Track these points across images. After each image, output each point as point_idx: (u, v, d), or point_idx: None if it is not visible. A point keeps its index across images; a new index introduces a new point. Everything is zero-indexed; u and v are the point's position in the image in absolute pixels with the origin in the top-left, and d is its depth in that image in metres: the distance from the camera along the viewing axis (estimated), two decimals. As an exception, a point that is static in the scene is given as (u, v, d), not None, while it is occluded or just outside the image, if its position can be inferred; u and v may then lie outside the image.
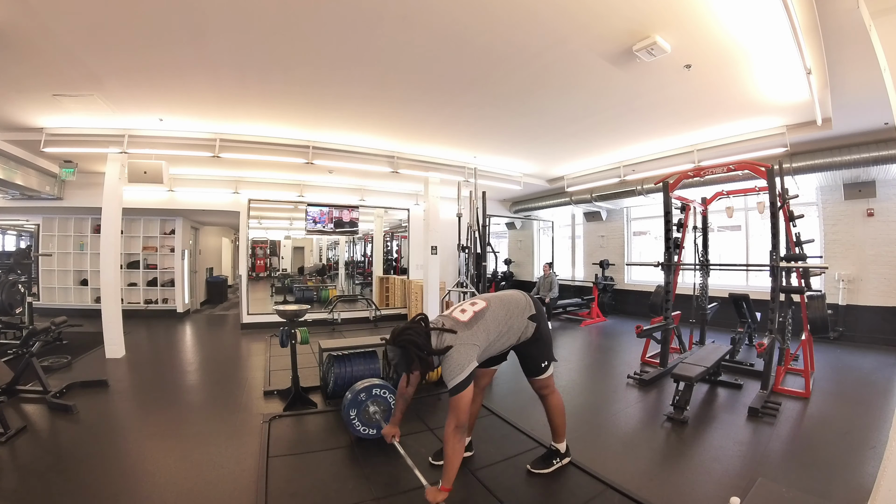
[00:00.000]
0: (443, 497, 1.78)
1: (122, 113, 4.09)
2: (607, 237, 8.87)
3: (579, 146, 5.55)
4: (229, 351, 5.40)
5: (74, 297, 7.38)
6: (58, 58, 2.97)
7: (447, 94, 3.83)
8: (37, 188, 5.46)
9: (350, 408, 2.64)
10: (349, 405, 2.64)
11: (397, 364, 1.95)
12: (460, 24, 2.64)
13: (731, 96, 3.72)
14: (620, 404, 3.43)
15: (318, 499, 2.06)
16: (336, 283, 9.35)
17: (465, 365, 1.84)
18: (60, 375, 3.90)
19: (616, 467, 2.35)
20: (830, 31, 2.60)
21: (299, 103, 4.00)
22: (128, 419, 3.10)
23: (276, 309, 3.37)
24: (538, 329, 2.17)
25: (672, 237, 4.35)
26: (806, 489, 2.11)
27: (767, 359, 3.35)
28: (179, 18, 2.55)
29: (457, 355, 1.86)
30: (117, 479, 2.21)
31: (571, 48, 2.93)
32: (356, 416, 2.64)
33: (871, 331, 5.25)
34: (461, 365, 1.84)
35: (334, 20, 2.61)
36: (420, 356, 1.87)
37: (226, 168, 6.16)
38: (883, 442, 2.38)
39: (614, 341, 5.97)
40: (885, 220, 5.20)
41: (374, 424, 2.66)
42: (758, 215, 6.18)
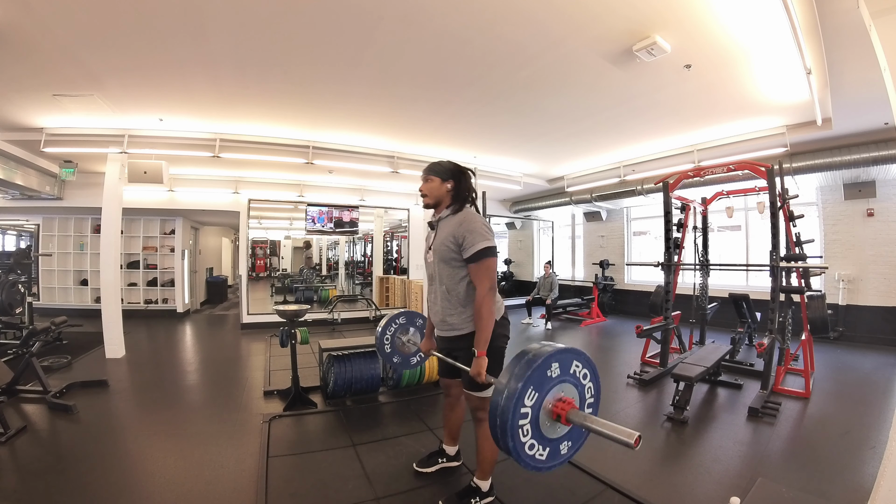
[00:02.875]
0: (485, 361, 1.73)
1: (122, 113, 4.09)
2: (607, 237, 8.88)
3: (579, 146, 5.55)
4: (229, 351, 5.40)
5: (74, 297, 7.38)
6: (58, 58, 2.97)
7: (447, 94, 3.83)
8: (37, 188, 5.45)
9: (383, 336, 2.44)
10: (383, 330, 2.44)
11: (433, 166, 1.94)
12: (460, 23, 2.64)
13: (731, 96, 3.72)
14: (620, 404, 3.43)
15: (318, 499, 2.06)
16: (336, 283, 9.35)
17: (489, 233, 1.80)
18: (60, 375, 3.90)
19: (616, 467, 2.35)
20: (830, 31, 2.60)
21: (299, 103, 4.00)
22: (128, 419, 3.09)
23: (276, 309, 3.37)
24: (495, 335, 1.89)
25: (672, 237, 4.35)
26: (806, 489, 2.11)
27: (767, 359, 3.36)
28: (179, 18, 2.55)
29: (485, 222, 1.84)
30: (117, 479, 2.21)
31: (571, 48, 2.93)
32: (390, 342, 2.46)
33: (871, 331, 5.25)
34: (489, 231, 1.81)
35: (334, 20, 2.61)
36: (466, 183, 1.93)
37: (226, 168, 6.16)
38: (883, 442, 2.38)
39: (614, 341, 5.97)
40: (885, 220, 5.21)
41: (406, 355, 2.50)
42: (758, 215, 6.17)
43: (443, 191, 1.93)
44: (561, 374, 1.23)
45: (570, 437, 1.28)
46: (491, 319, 1.77)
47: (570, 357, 1.25)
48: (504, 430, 1.13)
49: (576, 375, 1.26)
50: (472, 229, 1.78)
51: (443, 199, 1.95)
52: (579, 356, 1.27)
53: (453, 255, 1.84)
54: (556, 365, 1.21)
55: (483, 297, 1.75)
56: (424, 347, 2.27)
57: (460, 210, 1.91)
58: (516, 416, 1.14)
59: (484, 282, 1.76)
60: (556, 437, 1.25)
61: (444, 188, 1.93)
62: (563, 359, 1.23)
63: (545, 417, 1.21)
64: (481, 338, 1.75)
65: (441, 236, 1.91)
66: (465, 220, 1.83)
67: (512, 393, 1.13)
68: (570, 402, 1.24)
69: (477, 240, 1.76)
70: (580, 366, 1.27)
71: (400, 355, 2.50)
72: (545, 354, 1.19)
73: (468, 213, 1.89)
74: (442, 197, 1.94)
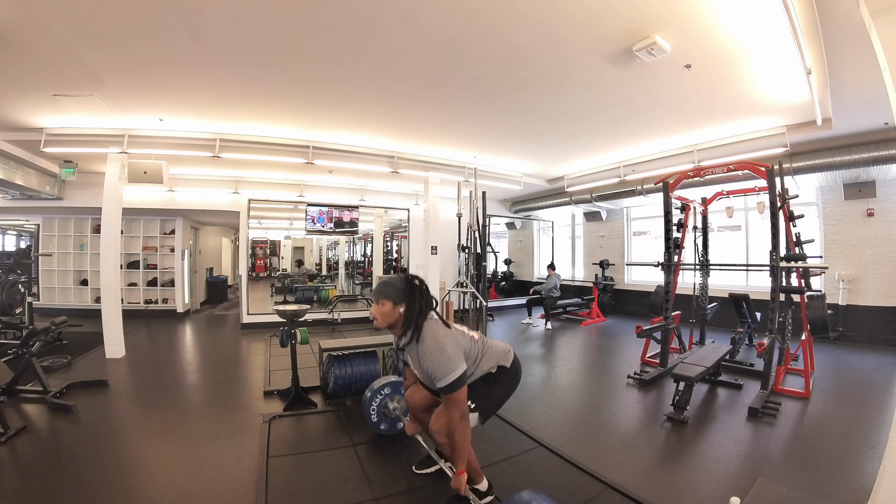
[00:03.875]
0: (465, 478, 1.82)
1: (122, 113, 4.09)
2: (607, 237, 8.88)
3: (579, 146, 5.54)
4: (229, 351, 5.40)
5: (74, 297, 7.38)
6: (58, 57, 2.97)
7: (447, 94, 3.83)
8: (37, 188, 5.46)
9: (370, 404, 2.63)
10: (369, 401, 2.63)
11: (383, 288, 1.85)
12: (460, 23, 2.64)
13: (731, 96, 3.72)
14: (620, 404, 3.43)
15: (318, 499, 2.06)
16: (336, 283, 9.35)
17: (457, 360, 1.76)
18: (60, 375, 3.90)
19: (616, 467, 2.35)
20: (830, 31, 2.60)
21: (299, 103, 4.00)
22: (128, 419, 3.09)
23: (276, 309, 3.37)
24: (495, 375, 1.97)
25: (672, 237, 4.35)
26: (806, 489, 2.11)
27: (767, 359, 3.36)
28: (179, 17, 2.55)
29: (447, 345, 1.78)
30: (117, 479, 2.21)
31: (572, 48, 2.93)
32: (376, 412, 2.64)
33: (871, 331, 5.25)
34: (453, 358, 1.75)
35: (334, 19, 2.61)
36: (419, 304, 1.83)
37: (226, 168, 6.16)
38: (883, 442, 2.38)
39: (614, 341, 5.97)
40: (885, 220, 5.21)
41: (392, 420, 2.68)
42: (758, 215, 6.17)
43: (395, 315, 1.84)
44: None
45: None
46: (465, 444, 1.81)
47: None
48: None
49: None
50: (433, 368, 1.75)
51: (395, 323, 1.86)
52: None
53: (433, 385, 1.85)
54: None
55: (454, 426, 1.77)
56: (410, 431, 2.27)
57: (417, 336, 1.82)
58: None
59: (454, 412, 1.77)
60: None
61: (395, 312, 1.84)
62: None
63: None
64: (457, 459, 1.80)
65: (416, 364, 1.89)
66: (424, 357, 1.78)
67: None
68: None
69: (439, 377, 1.74)
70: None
71: (387, 422, 2.69)
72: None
73: (425, 344, 1.80)
74: (395, 321, 1.85)
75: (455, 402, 1.77)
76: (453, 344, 1.81)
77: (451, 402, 1.77)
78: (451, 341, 1.82)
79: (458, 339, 1.87)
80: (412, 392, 2.17)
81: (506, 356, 2.01)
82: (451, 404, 1.77)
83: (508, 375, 2.00)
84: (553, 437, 2.74)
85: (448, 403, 1.78)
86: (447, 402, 1.79)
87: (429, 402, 2.10)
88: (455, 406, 1.77)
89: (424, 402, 2.11)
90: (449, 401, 1.77)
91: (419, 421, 2.18)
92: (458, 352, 1.81)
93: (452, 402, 1.77)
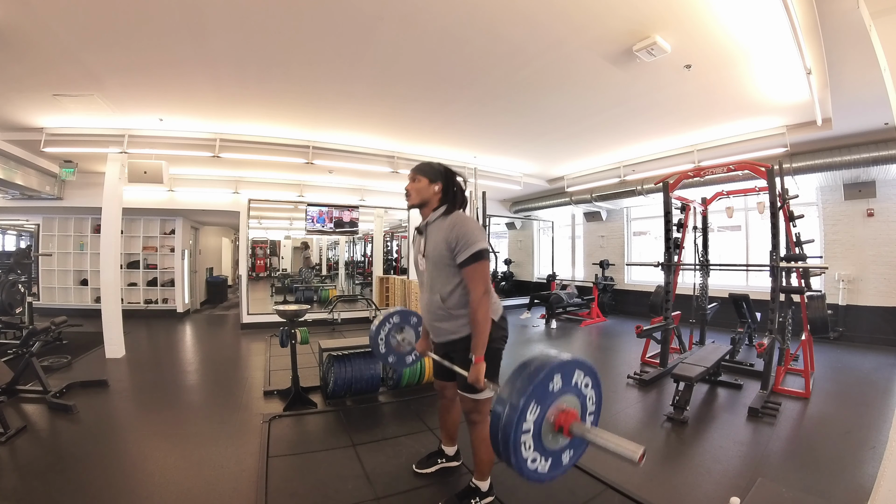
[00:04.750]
0: (483, 367, 1.70)
1: (122, 113, 4.09)
2: (607, 237, 8.88)
3: (579, 146, 5.54)
4: (229, 351, 5.40)
5: (74, 297, 7.38)
6: (58, 57, 2.97)
7: (447, 94, 3.83)
8: (37, 188, 5.45)
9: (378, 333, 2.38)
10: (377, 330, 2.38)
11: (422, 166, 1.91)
12: (460, 24, 2.64)
13: (731, 96, 3.72)
14: (620, 404, 3.43)
15: (318, 499, 2.06)
16: (336, 283, 9.35)
17: (481, 235, 1.76)
18: (60, 375, 3.90)
19: (616, 467, 2.34)
20: (830, 31, 2.60)
21: (299, 103, 4.00)
22: (128, 419, 3.09)
23: (276, 309, 3.37)
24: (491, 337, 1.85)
25: (672, 237, 4.35)
26: (806, 489, 2.11)
27: (767, 359, 3.36)
28: (179, 17, 2.55)
29: (477, 224, 1.81)
30: (117, 479, 2.21)
31: (571, 48, 2.93)
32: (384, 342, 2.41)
33: (871, 331, 5.25)
34: (478, 231, 1.77)
35: (335, 19, 2.61)
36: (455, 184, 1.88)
37: (226, 168, 6.16)
38: (883, 442, 2.38)
39: (614, 341, 5.97)
40: (885, 220, 5.20)
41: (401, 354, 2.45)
42: (758, 215, 6.17)
43: (430, 192, 1.88)
44: (563, 385, 1.18)
45: (571, 446, 1.24)
46: (487, 324, 1.74)
47: (573, 367, 1.20)
48: (507, 446, 1.11)
49: (577, 386, 1.22)
50: (464, 233, 1.74)
51: (430, 200, 1.89)
52: (581, 365, 1.23)
53: (447, 261, 1.80)
54: (558, 377, 1.17)
55: (478, 301, 1.72)
56: (420, 348, 2.24)
57: (450, 213, 1.85)
58: (518, 432, 1.11)
59: (479, 285, 1.73)
60: (558, 447, 1.22)
61: (431, 189, 1.87)
62: (566, 370, 1.19)
63: (547, 430, 1.18)
64: (478, 342, 1.72)
65: (433, 241, 1.86)
66: (457, 224, 1.78)
67: (514, 408, 1.10)
68: (573, 413, 1.20)
69: (470, 243, 1.72)
70: (582, 374, 1.22)
71: (395, 354, 2.44)
72: (547, 367, 1.15)
73: (459, 215, 1.83)
74: (429, 198, 1.88)
75: (480, 274, 1.74)
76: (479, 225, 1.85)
77: (477, 274, 1.73)
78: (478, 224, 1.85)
79: None
80: None
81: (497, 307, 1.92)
82: (477, 277, 1.73)
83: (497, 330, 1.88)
84: (553, 437, 2.74)
85: (474, 276, 1.73)
86: (471, 276, 1.74)
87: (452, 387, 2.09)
88: (481, 279, 1.73)
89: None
90: (475, 273, 1.73)
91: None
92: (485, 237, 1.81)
93: (478, 275, 1.73)
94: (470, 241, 1.72)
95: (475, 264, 1.72)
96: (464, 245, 1.73)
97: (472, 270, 1.74)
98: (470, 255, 1.72)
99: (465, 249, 1.72)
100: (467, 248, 1.72)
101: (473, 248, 1.71)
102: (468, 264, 1.73)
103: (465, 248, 1.72)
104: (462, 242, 1.73)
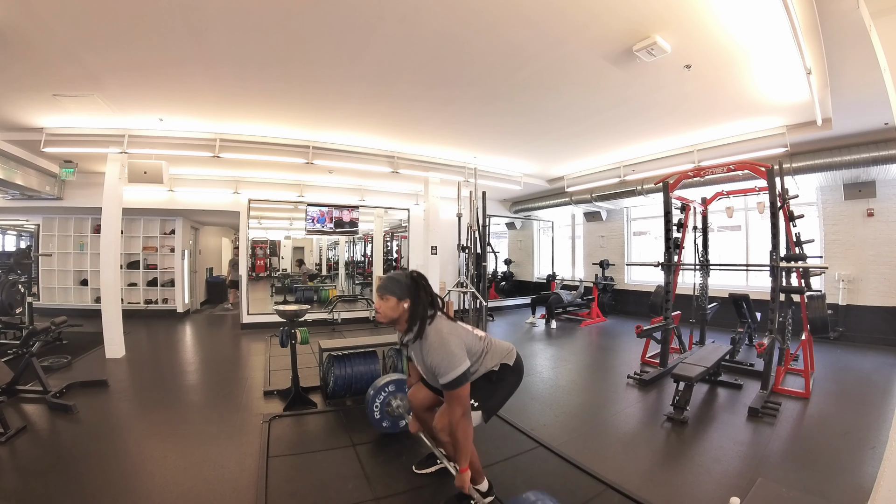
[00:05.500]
0: (469, 476, 1.81)
1: (122, 113, 4.09)
2: (607, 237, 8.88)
3: (579, 146, 5.55)
4: (229, 351, 5.40)
5: (74, 297, 7.38)
6: (58, 57, 2.97)
7: (447, 94, 3.83)
8: (37, 188, 5.46)
9: (373, 402, 2.63)
10: (372, 399, 2.63)
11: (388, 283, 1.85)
12: (460, 24, 2.64)
13: (731, 96, 3.72)
14: (620, 404, 3.43)
15: (318, 499, 2.06)
16: (336, 283, 9.35)
17: (461, 357, 1.76)
18: (60, 375, 3.90)
19: (616, 467, 2.35)
20: (830, 31, 2.60)
21: (299, 103, 4.00)
22: (128, 419, 3.09)
23: (276, 309, 3.37)
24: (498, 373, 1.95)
25: (672, 237, 4.35)
26: (806, 489, 2.11)
27: (767, 359, 3.35)
28: (179, 17, 2.55)
29: (451, 342, 1.77)
30: (117, 479, 2.21)
31: (571, 48, 2.93)
32: (379, 410, 2.64)
33: (871, 331, 5.25)
34: (456, 355, 1.74)
35: (334, 20, 2.61)
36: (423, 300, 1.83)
37: (226, 168, 6.16)
38: (883, 442, 2.38)
39: (614, 341, 5.97)
40: (885, 220, 5.21)
41: (395, 419, 2.68)
42: (758, 215, 6.17)
43: (399, 310, 1.84)
44: None
45: None
46: (467, 442, 1.80)
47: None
48: None
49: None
50: (437, 364, 1.74)
51: (400, 318, 1.85)
52: None
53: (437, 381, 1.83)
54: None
55: (457, 423, 1.76)
56: (413, 429, 2.26)
57: (422, 333, 1.82)
58: None
59: (456, 409, 1.76)
60: None
61: (400, 307, 1.84)
62: None
63: None
64: (460, 458, 1.79)
65: (420, 361, 1.89)
66: (428, 353, 1.78)
67: None
68: None
69: (443, 373, 1.73)
70: None
71: (389, 420, 2.68)
72: None
73: (429, 340, 1.80)
74: (399, 316, 1.85)
75: (458, 398, 1.76)
76: (457, 340, 1.81)
77: (453, 398, 1.76)
78: (455, 338, 1.81)
79: (461, 335, 1.87)
80: (415, 391, 2.16)
81: (509, 354, 2.01)
82: (453, 401, 1.76)
83: (511, 374, 1.99)
84: (553, 437, 2.74)
85: (451, 400, 1.77)
86: (450, 398, 1.77)
87: (431, 402, 2.10)
88: (458, 403, 1.76)
89: (427, 402, 2.11)
90: (452, 398, 1.76)
91: (422, 420, 2.18)
92: (462, 349, 1.80)
93: (455, 399, 1.76)
94: (442, 371, 1.73)
95: (451, 391, 1.75)
96: (439, 375, 1.75)
97: (449, 395, 1.78)
98: (447, 383, 1.74)
99: (443, 376, 1.74)
100: (442, 378, 1.74)
101: (447, 378, 1.73)
102: (446, 389, 1.77)
103: (443, 375, 1.74)
104: (440, 371, 1.74)
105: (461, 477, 1.80)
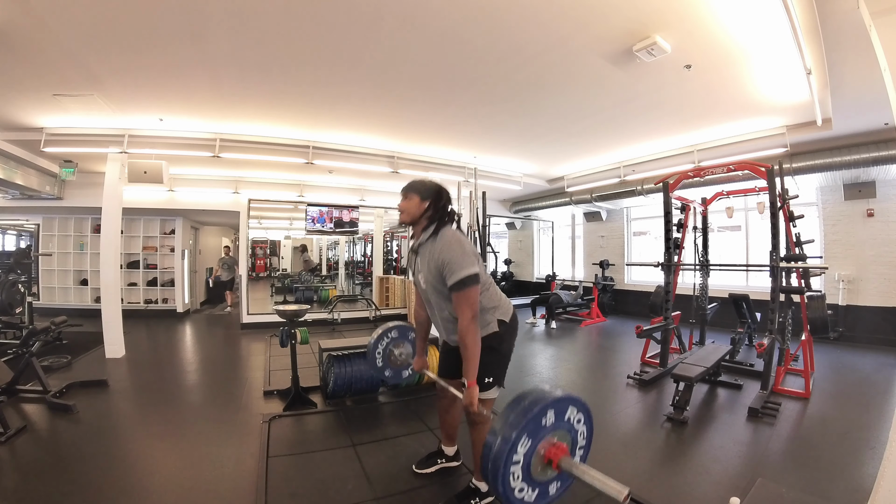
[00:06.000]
0: (477, 391, 1.71)
1: (122, 113, 4.09)
2: (607, 237, 8.88)
3: (579, 146, 5.55)
4: (229, 351, 5.40)
5: (74, 297, 7.38)
6: (58, 58, 2.97)
7: (447, 94, 3.83)
8: (37, 188, 5.45)
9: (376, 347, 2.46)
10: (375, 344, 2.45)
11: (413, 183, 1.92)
12: (460, 24, 2.64)
13: (731, 96, 3.72)
14: (620, 404, 3.43)
15: (317, 499, 2.06)
16: (336, 283, 9.35)
17: (472, 260, 1.73)
18: (60, 375, 3.89)
19: (616, 467, 2.35)
20: (830, 31, 2.60)
21: (299, 103, 4.00)
22: (128, 419, 3.09)
23: (275, 309, 3.37)
24: (500, 336, 1.90)
25: (672, 237, 4.35)
26: (806, 489, 2.11)
27: (767, 359, 3.35)
28: (179, 18, 2.55)
29: (463, 247, 1.76)
30: (117, 479, 2.21)
31: (571, 48, 2.93)
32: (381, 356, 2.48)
33: (871, 331, 5.25)
34: (468, 255, 1.73)
35: (335, 20, 2.61)
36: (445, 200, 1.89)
37: (226, 168, 6.16)
38: (883, 442, 2.38)
39: (614, 341, 5.97)
40: (885, 220, 5.20)
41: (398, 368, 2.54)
42: (758, 215, 6.17)
43: (420, 210, 1.88)
44: (556, 421, 1.22)
45: (559, 479, 1.29)
46: (476, 349, 1.73)
47: (566, 404, 1.25)
48: (496, 476, 1.15)
49: (570, 421, 1.26)
50: (449, 259, 1.72)
51: (420, 217, 1.89)
52: (575, 402, 1.27)
53: (441, 288, 1.80)
54: (551, 412, 1.21)
55: (466, 328, 1.70)
56: (417, 366, 2.25)
57: (437, 233, 1.85)
58: (508, 464, 1.14)
59: (465, 312, 1.71)
60: (546, 479, 1.26)
61: (421, 207, 1.88)
62: (560, 406, 1.23)
63: (537, 463, 1.22)
64: (469, 368, 1.71)
65: (426, 266, 1.86)
66: (444, 248, 1.77)
67: (506, 441, 1.14)
68: (563, 448, 1.25)
69: (455, 269, 1.70)
70: (575, 410, 1.27)
71: (391, 369, 2.52)
72: (541, 403, 1.19)
73: (445, 238, 1.81)
74: (419, 216, 1.89)
75: (467, 300, 1.71)
76: (471, 247, 1.81)
77: (463, 300, 1.71)
78: (470, 245, 1.81)
79: (475, 250, 1.86)
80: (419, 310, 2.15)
81: (507, 308, 1.96)
82: (463, 303, 1.71)
83: (509, 331, 1.95)
84: (553, 437, 2.74)
85: (460, 303, 1.72)
86: (459, 301, 1.72)
87: None
88: (467, 306, 1.71)
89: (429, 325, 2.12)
90: (461, 300, 1.71)
91: None
92: (475, 255, 1.79)
93: (465, 301, 1.71)
94: (455, 267, 1.71)
95: (461, 291, 1.71)
96: (449, 272, 1.72)
97: (458, 297, 1.73)
98: (455, 282, 1.71)
99: (450, 276, 1.72)
100: (452, 275, 1.71)
101: (458, 275, 1.70)
102: (454, 290, 1.73)
103: (451, 274, 1.72)
104: (448, 268, 1.72)
105: (469, 392, 1.69)
